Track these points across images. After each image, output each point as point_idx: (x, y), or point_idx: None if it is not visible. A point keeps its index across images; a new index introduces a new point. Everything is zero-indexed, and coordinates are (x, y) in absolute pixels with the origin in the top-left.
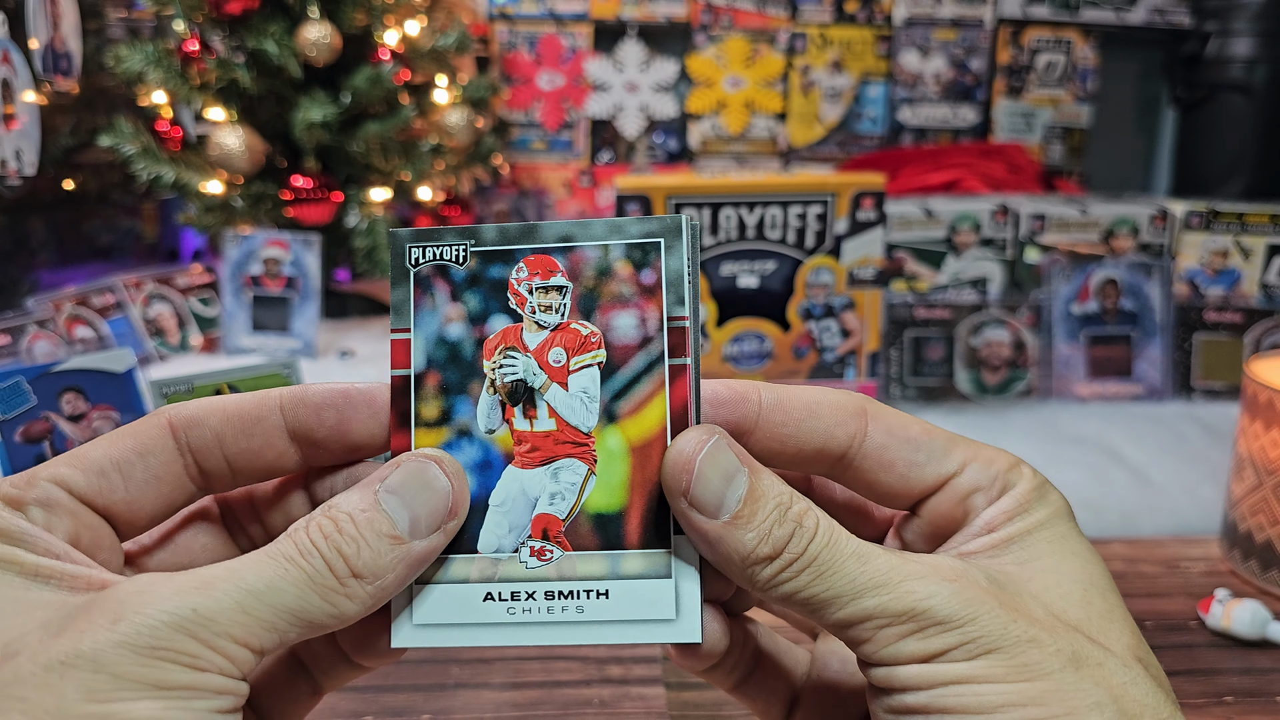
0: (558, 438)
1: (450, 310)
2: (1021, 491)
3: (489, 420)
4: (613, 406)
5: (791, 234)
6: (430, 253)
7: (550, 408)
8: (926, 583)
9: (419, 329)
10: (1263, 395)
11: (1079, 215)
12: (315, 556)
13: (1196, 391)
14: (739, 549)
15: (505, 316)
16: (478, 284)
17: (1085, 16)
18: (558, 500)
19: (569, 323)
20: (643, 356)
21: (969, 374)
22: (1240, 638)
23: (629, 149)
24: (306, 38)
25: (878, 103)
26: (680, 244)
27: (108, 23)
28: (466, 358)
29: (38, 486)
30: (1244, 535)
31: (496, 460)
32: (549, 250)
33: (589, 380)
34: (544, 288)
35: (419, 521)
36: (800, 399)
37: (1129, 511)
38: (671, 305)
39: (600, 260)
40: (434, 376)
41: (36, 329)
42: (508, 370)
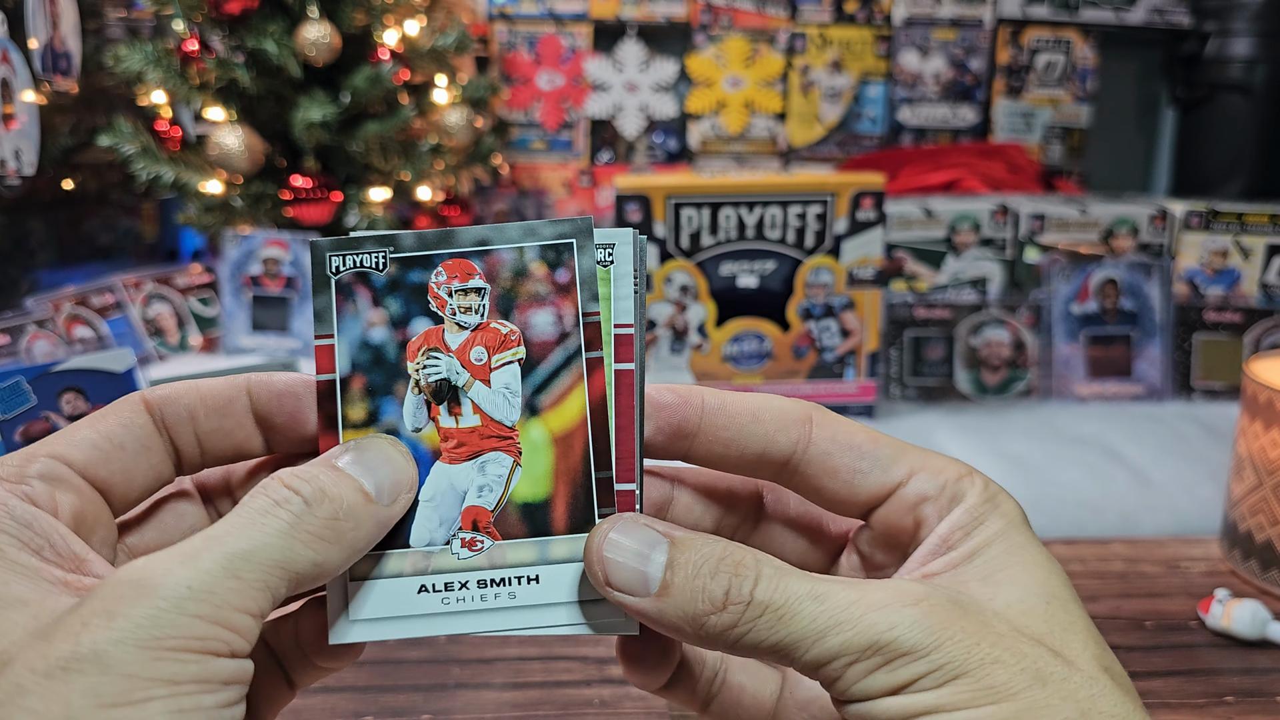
0: (483, 432)
1: (372, 315)
2: (973, 503)
3: (415, 419)
4: (534, 400)
5: (791, 234)
6: (350, 260)
7: (474, 404)
8: (888, 613)
9: (342, 334)
10: (1262, 395)
11: (1078, 215)
12: (295, 501)
13: (1196, 391)
14: (677, 615)
15: (426, 319)
16: (398, 289)
17: (1085, 16)
18: (485, 492)
19: (488, 322)
20: (560, 351)
21: (969, 374)
22: (1240, 638)
23: (629, 149)
24: (306, 37)
25: (877, 103)
26: (589, 243)
27: (107, 22)
28: (390, 360)
29: (38, 461)
30: (1244, 535)
31: (424, 457)
32: (466, 254)
33: (510, 376)
34: (463, 290)
35: (382, 487)
36: (744, 404)
37: (1129, 511)
38: (586, 302)
39: (516, 262)
40: (359, 379)
41: (36, 329)
42: (431, 370)
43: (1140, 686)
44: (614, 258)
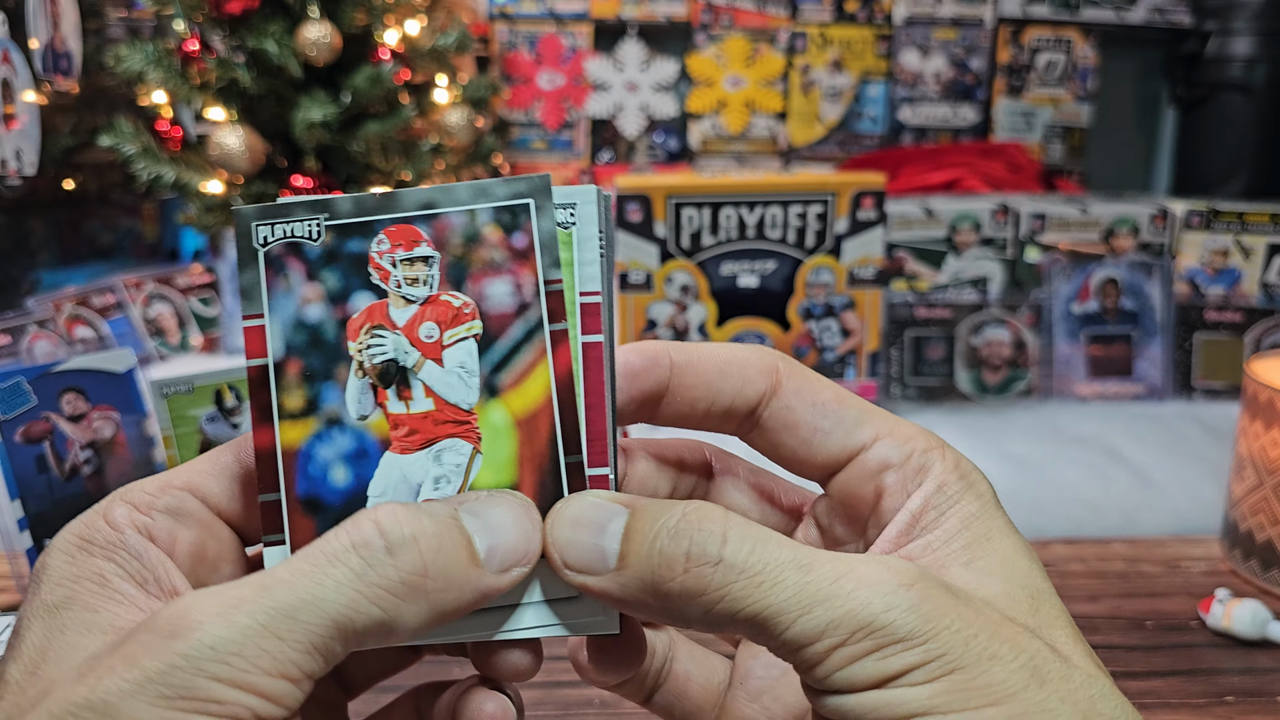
0: (437, 418)
1: (307, 290)
2: (945, 479)
3: (360, 406)
4: (493, 379)
5: (792, 233)
6: (280, 230)
7: (426, 386)
8: (882, 591)
9: (274, 313)
10: (1263, 395)
11: (1079, 215)
12: (374, 547)
13: (1197, 391)
14: (637, 587)
15: (369, 293)
16: (335, 260)
17: (1085, 16)
18: (443, 484)
19: (439, 294)
20: (521, 324)
21: (969, 374)
22: (1241, 637)
23: (629, 148)
24: (307, 37)
25: (878, 102)
26: (548, 203)
27: (108, 22)
28: (329, 340)
29: (169, 494)
30: (1244, 535)
31: (372, 448)
32: (410, 219)
33: (465, 354)
34: (408, 259)
35: (495, 553)
36: (711, 359)
37: (1129, 511)
38: (547, 268)
39: (467, 226)
40: (295, 363)
41: (37, 329)
42: (376, 350)
43: (1140, 686)
44: (576, 218)
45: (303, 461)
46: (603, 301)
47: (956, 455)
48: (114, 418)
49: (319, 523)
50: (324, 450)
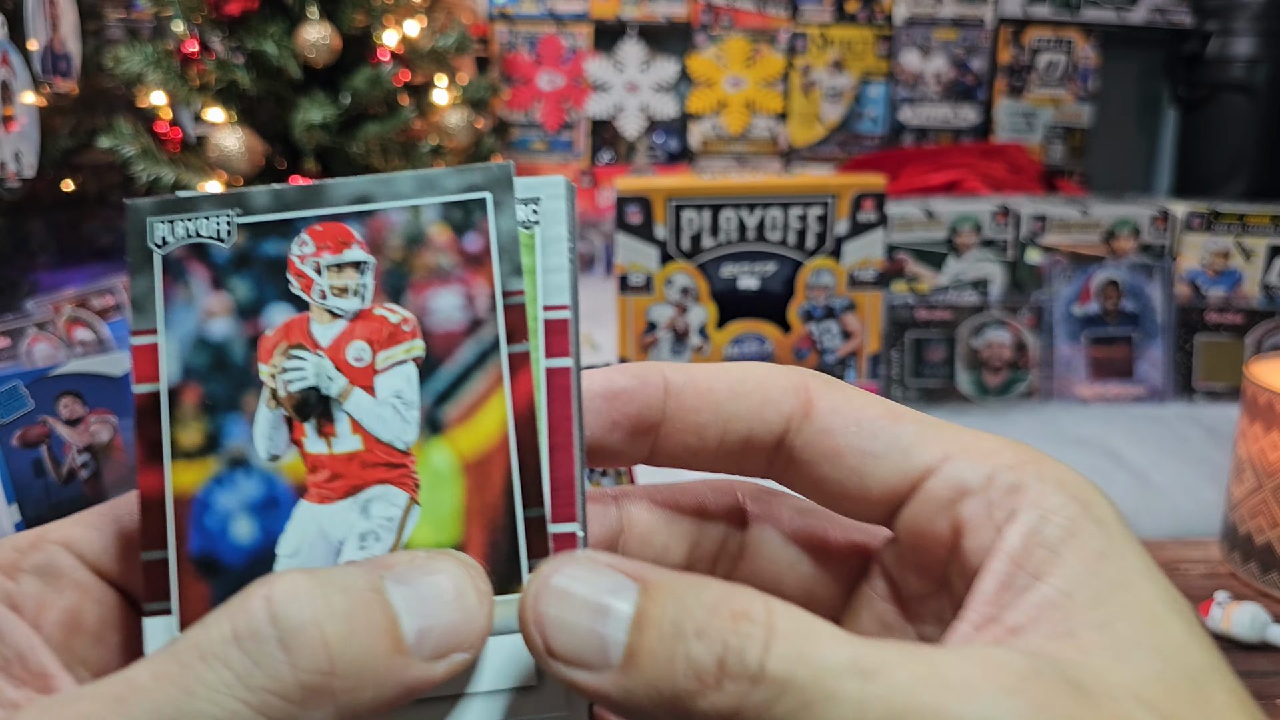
0: (366, 459)
1: (212, 302)
2: (1046, 499)
3: (272, 443)
4: (436, 413)
5: (792, 235)
6: (182, 228)
7: (353, 420)
8: (978, 703)
9: (171, 329)
10: (1262, 397)
11: (1080, 216)
12: (264, 637)
13: (1198, 393)
14: (651, 697)
15: (287, 305)
16: (248, 265)
17: (1086, 16)
18: (370, 542)
19: (372, 308)
20: (472, 345)
21: (970, 375)
22: (1240, 640)
23: (629, 149)
24: (306, 39)
25: (878, 103)
26: (509, 198)
27: (107, 24)
28: (237, 363)
29: (42, 550)
30: (1244, 538)
31: (284, 495)
32: (340, 216)
33: (403, 381)
34: (336, 265)
35: (429, 635)
36: (720, 378)
37: (1130, 513)
38: (506, 277)
39: (409, 225)
40: (193, 390)
41: (36, 331)
42: (294, 375)
43: None
44: (540, 216)
45: (198, 511)
46: (570, 317)
47: (1061, 469)
48: (111, 421)
49: (215, 588)
50: (225, 498)
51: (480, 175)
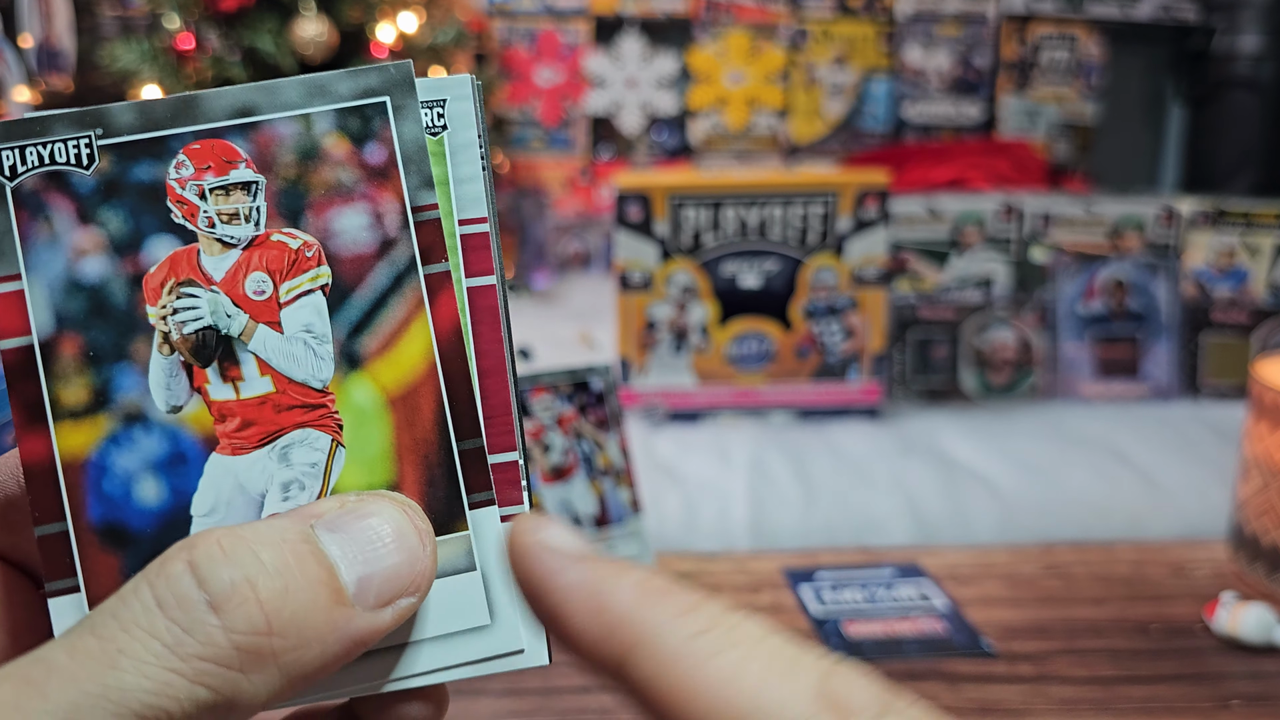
0: (279, 402)
1: (80, 238)
2: None
3: (170, 393)
4: (353, 345)
5: (794, 233)
6: (34, 154)
7: (260, 361)
8: None
9: (35, 273)
10: (1269, 397)
11: (1085, 214)
12: (193, 602)
13: (1204, 392)
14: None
15: (170, 237)
16: (119, 194)
17: (1091, 11)
18: (295, 491)
19: (268, 234)
20: (385, 268)
21: (974, 374)
22: (1247, 642)
23: (629, 145)
24: (302, 34)
25: (881, 99)
26: (412, 101)
27: (101, 20)
28: (119, 306)
29: None
30: (1250, 538)
31: (192, 450)
32: (220, 131)
33: (312, 313)
34: (222, 187)
35: (370, 583)
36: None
37: (1136, 514)
38: (415, 190)
39: (301, 137)
40: (72, 341)
41: None
42: (187, 315)
43: (1145, 691)
44: (448, 119)
45: (94, 475)
46: (489, 230)
47: None
48: None
49: (126, 559)
50: (123, 458)
51: (377, 77)
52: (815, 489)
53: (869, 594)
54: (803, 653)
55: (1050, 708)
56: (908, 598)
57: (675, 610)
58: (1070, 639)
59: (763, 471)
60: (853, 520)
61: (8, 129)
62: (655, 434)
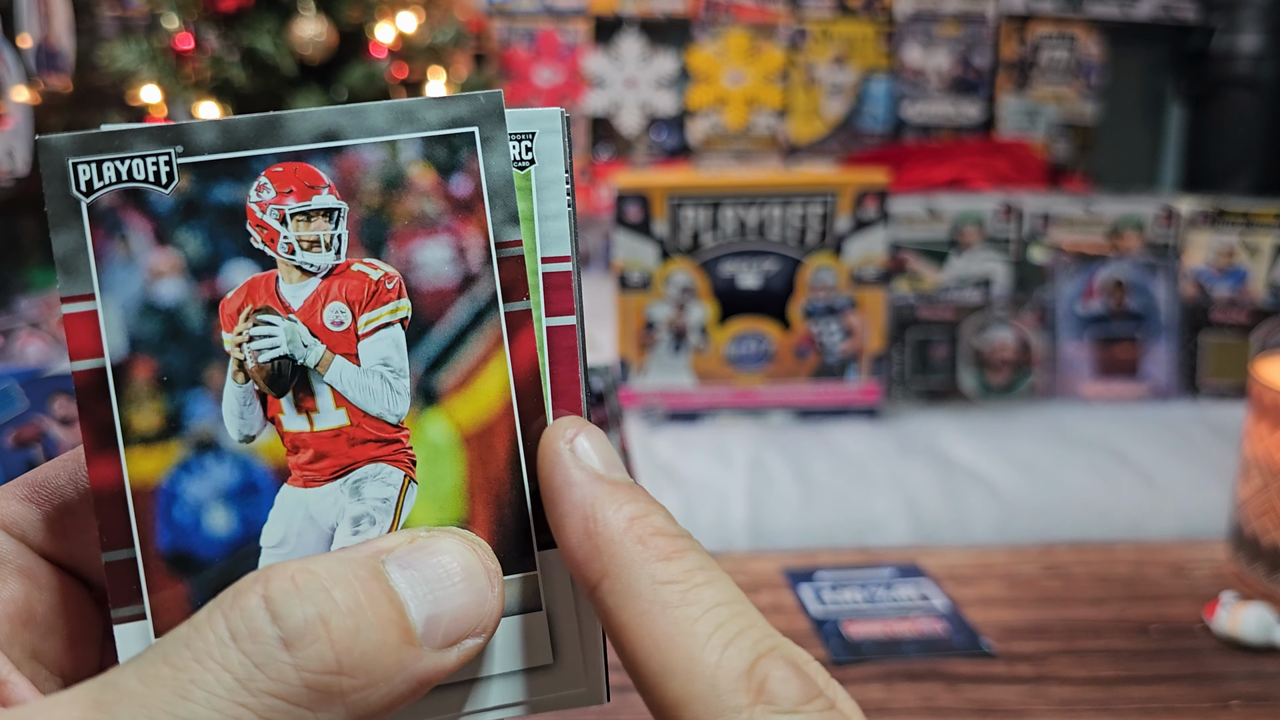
0: (353, 435)
1: (157, 260)
2: None
3: (244, 422)
4: (430, 381)
5: (793, 233)
6: (111, 170)
7: (336, 393)
8: None
9: (109, 293)
10: (1269, 397)
11: (1084, 213)
12: (265, 637)
13: (1203, 392)
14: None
15: (249, 262)
16: (197, 215)
17: (1090, 11)
18: (365, 526)
19: (349, 263)
20: (466, 304)
21: (973, 374)
22: (1247, 643)
23: (628, 145)
24: (301, 35)
25: (881, 99)
26: (500, 133)
27: (100, 20)
28: (194, 331)
29: None
30: (1250, 538)
31: (264, 480)
32: (304, 154)
33: (390, 346)
34: (303, 213)
35: (438, 623)
36: None
37: (1135, 514)
38: (500, 225)
39: (386, 165)
40: (145, 365)
41: (29, 330)
42: (263, 343)
43: (1145, 692)
44: (536, 154)
45: (164, 502)
46: (572, 269)
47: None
48: None
49: (194, 587)
50: (195, 486)
51: (466, 106)
52: (814, 489)
53: (869, 594)
54: (750, 628)
55: (1050, 708)
56: (907, 598)
57: (653, 554)
58: (1070, 639)
59: (762, 472)
60: (852, 520)
61: (85, 142)
62: (654, 434)
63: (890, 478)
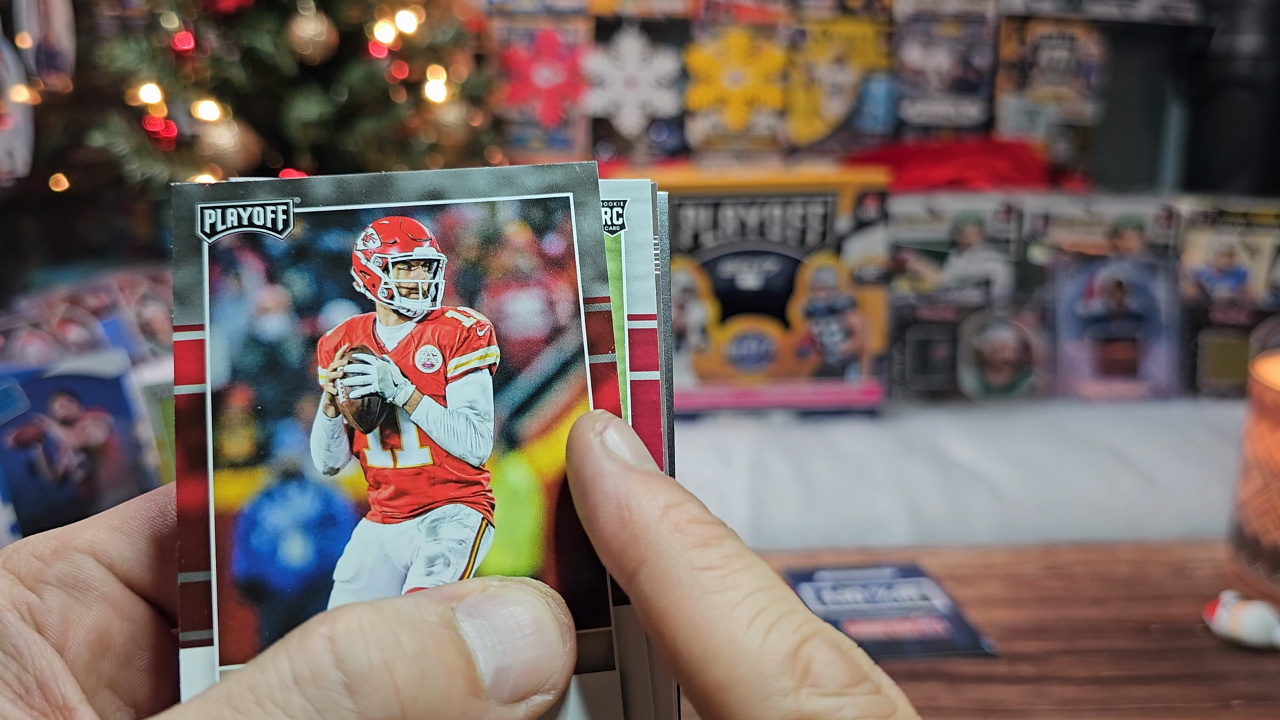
0: (435, 475)
1: (265, 297)
2: None
3: (330, 455)
4: (513, 426)
5: (793, 233)
6: (234, 215)
7: (421, 432)
8: None
9: (218, 324)
10: (1269, 397)
11: (1084, 213)
12: (329, 680)
13: (1204, 392)
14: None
15: (349, 304)
16: (306, 259)
17: (1090, 11)
18: (439, 567)
19: (443, 310)
20: (553, 354)
21: (974, 374)
22: (1247, 643)
23: (628, 145)
24: (301, 34)
25: (881, 99)
26: (593, 199)
27: (99, 19)
28: (292, 364)
29: (65, 559)
30: (1251, 538)
31: (343, 513)
32: (410, 210)
33: (477, 390)
34: (405, 262)
35: (506, 676)
36: None
37: (1136, 514)
38: (589, 282)
39: (485, 223)
40: (243, 393)
41: (29, 330)
42: (356, 380)
43: (1146, 692)
44: (626, 219)
45: (244, 528)
46: (659, 327)
47: None
48: (107, 421)
49: (262, 616)
50: (275, 514)
51: (562, 174)
52: (815, 489)
53: (869, 594)
54: (792, 612)
55: (1051, 708)
56: (908, 598)
57: (690, 540)
58: (1071, 639)
59: (763, 472)
60: (853, 520)
61: (214, 191)
62: None
63: (891, 478)
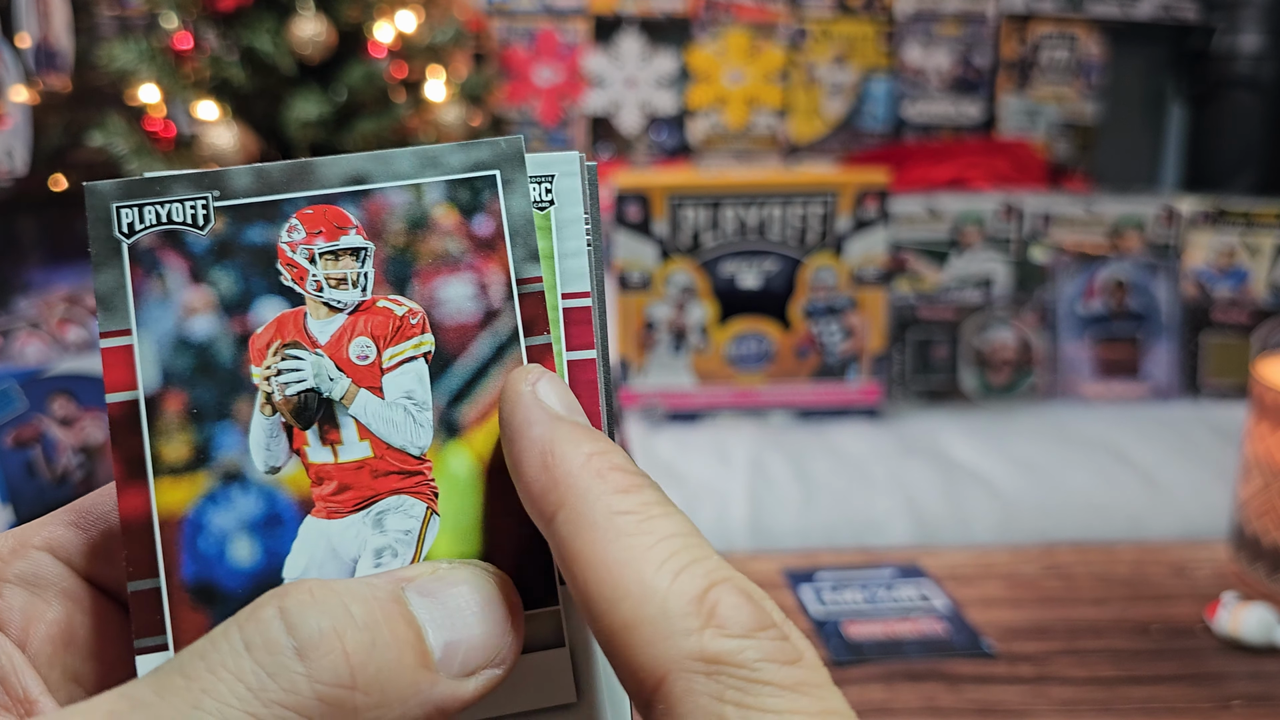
0: (376, 467)
1: (191, 297)
2: None
3: (270, 454)
4: (452, 414)
5: (793, 233)
6: (152, 213)
7: (360, 425)
8: None
9: (145, 329)
10: (1270, 396)
11: (1084, 213)
12: (280, 646)
13: (1204, 392)
14: None
15: (278, 299)
16: (231, 254)
17: (1091, 11)
18: (387, 557)
19: (375, 299)
20: (488, 338)
21: (974, 374)
22: (1248, 643)
23: (628, 145)
24: (300, 34)
25: (881, 98)
26: (521, 176)
27: (99, 19)
28: (224, 365)
29: (25, 556)
30: (1251, 538)
31: (288, 511)
32: (333, 198)
33: (414, 379)
34: (331, 252)
35: (456, 650)
36: None
37: (1137, 514)
38: (521, 263)
39: (411, 207)
40: (176, 398)
41: (28, 330)
42: (290, 377)
43: (1146, 692)
44: (555, 195)
45: (190, 533)
46: (593, 305)
47: None
48: (105, 421)
49: (215, 619)
50: (220, 517)
51: (488, 151)
52: (815, 489)
53: (869, 594)
54: (704, 558)
55: (1051, 708)
56: (908, 598)
57: (610, 487)
58: (1071, 639)
59: (762, 472)
60: (853, 521)
61: (129, 189)
62: (654, 434)
63: (891, 478)
